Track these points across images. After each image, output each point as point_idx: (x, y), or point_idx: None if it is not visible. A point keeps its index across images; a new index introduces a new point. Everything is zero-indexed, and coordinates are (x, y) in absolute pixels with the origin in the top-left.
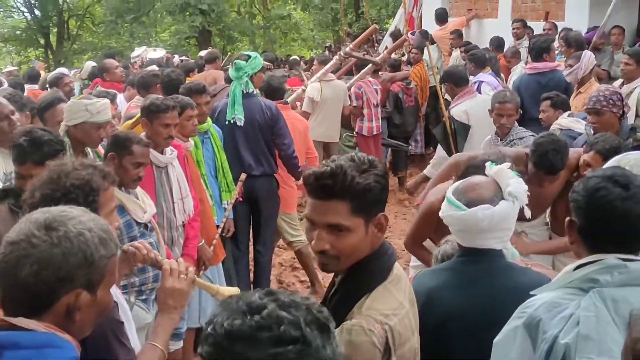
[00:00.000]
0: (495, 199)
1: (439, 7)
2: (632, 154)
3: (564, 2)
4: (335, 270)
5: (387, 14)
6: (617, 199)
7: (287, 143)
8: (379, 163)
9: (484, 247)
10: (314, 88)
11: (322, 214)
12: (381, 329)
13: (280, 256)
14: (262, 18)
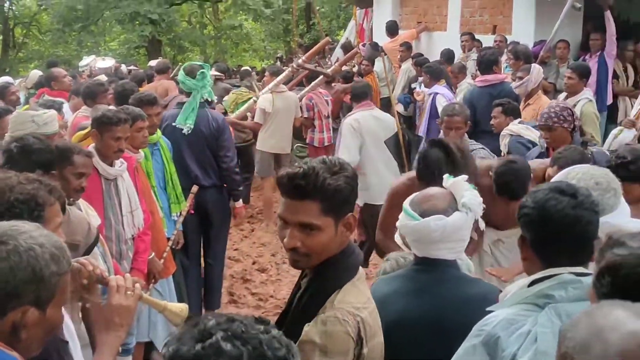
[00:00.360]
0: (449, 210)
1: (390, 19)
2: (579, 167)
3: (510, 17)
4: (305, 267)
5: (338, 26)
6: (567, 207)
7: (230, 156)
8: (348, 165)
9: (436, 257)
10: (266, 99)
11: (294, 213)
12: (354, 320)
13: (231, 268)
14: (213, 28)
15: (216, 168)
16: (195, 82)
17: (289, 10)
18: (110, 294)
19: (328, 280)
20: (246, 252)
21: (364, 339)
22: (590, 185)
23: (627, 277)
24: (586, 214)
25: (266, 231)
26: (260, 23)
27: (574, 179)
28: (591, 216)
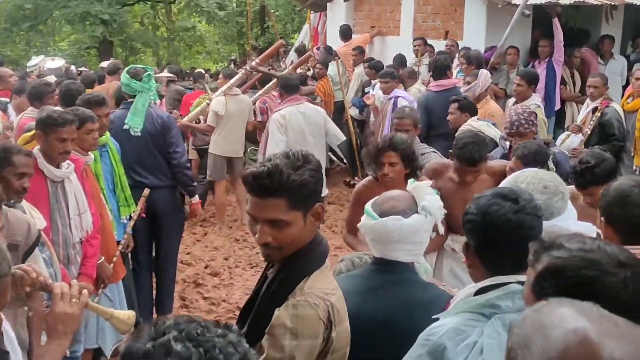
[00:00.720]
0: (408, 212)
1: (343, 23)
2: (527, 171)
3: (462, 22)
4: (278, 260)
5: (293, 29)
6: (509, 211)
7: (180, 152)
8: (312, 157)
9: (393, 259)
10: (219, 102)
11: (262, 210)
12: (324, 304)
13: (183, 272)
14: (166, 30)
15: (166, 168)
16: (141, 84)
17: (243, 13)
18: (54, 301)
19: (298, 268)
20: (198, 256)
21: (333, 323)
22: (539, 189)
23: (570, 279)
24: (528, 218)
25: (219, 235)
26: (214, 25)
27: (523, 183)
28: (533, 221)
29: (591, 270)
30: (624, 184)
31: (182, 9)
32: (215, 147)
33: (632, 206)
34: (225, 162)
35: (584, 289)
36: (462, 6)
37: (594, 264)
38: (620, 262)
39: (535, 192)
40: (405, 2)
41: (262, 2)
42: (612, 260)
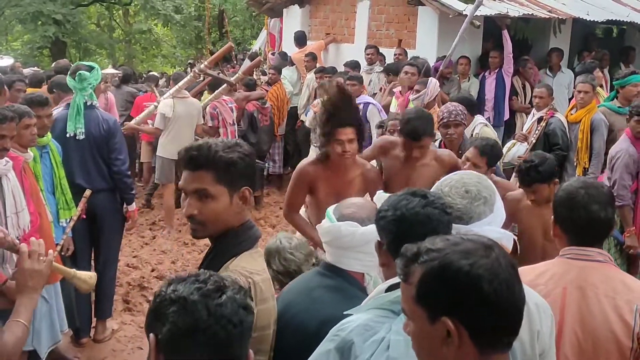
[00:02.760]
0: (367, 221)
1: (299, 29)
2: (453, 174)
3: (415, 32)
4: (203, 236)
5: (252, 35)
6: (417, 205)
7: (122, 159)
8: (245, 145)
9: (342, 266)
10: (167, 104)
11: (191, 182)
12: (245, 280)
13: (128, 275)
14: (122, 32)
15: (106, 172)
16: (74, 83)
17: (201, 17)
18: (22, 259)
19: (226, 248)
20: (145, 260)
21: (253, 300)
22: (460, 193)
23: (455, 274)
24: (436, 212)
25: (167, 238)
26: (170, 29)
27: (447, 186)
28: (441, 216)
29: (468, 258)
30: (572, 185)
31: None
32: (163, 150)
33: (577, 207)
34: (173, 164)
35: (470, 278)
36: (415, 16)
37: (468, 252)
38: (486, 245)
39: (456, 196)
40: (360, 10)
41: (220, 7)
42: (479, 246)
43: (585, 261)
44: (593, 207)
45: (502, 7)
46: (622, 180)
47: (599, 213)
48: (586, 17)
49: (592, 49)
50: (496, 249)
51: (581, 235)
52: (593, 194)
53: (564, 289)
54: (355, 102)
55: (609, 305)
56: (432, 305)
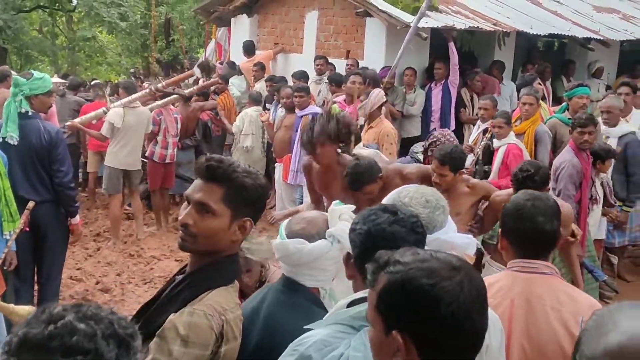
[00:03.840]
0: (316, 237)
1: (247, 39)
2: (409, 186)
3: (363, 43)
4: (189, 250)
5: (199, 44)
6: (384, 222)
7: (64, 171)
8: (264, 179)
9: (296, 281)
10: (117, 114)
11: (198, 191)
12: (219, 317)
13: (72, 288)
14: (65, 39)
15: (49, 183)
16: (12, 88)
17: (147, 24)
18: None
19: (206, 278)
20: (90, 272)
21: (225, 338)
22: (421, 203)
23: (412, 291)
24: (402, 231)
25: (113, 250)
26: (116, 36)
27: (406, 197)
28: (408, 235)
29: (430, 278)
30: (520, 197)
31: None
32: (111, 160)
33: (523, 219)
34: (122, 174)
35: (427, 297)
36: (363, 27)
37: (431, 271)
38: (454, 266)
39: (417, 206)
40: (308, 20)
41: (167, 15)
42: (446, 266)
43: (531, 273)
44: (539, 219)
45: (448, 20)
46: (567, 190)
47: (545, 225)
48: (529, 31)
49: (535, 61)
50: (463, 272)
51: (527, 247)
52: (539, 206)
53: (512, 301)
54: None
55: (555, 317)
56: (387, 316)
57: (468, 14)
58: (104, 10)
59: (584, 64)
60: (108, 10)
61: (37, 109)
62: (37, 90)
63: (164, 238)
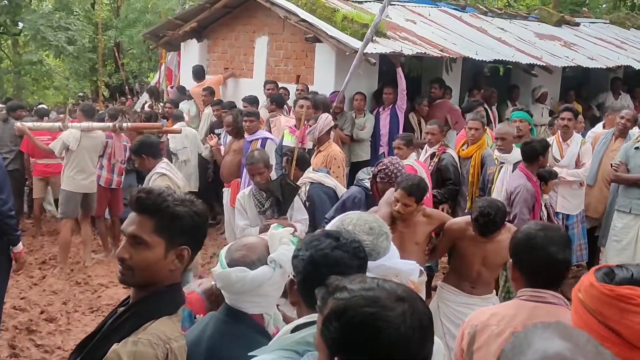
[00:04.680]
0: (257, 263)
1: (197, 64)
2: (352, 214)
3: (313, 68)
4: (129, 284)
5: (149, 68)
6: (327, 247)
7: (4, 198)
8: (202, 205)
9: (239, 309)
10: (73, 136)
11: (131, 224)
12: (164, 346)
13: (15, 318)
14: (10, 62)
15: None
16: None
17: (95, 48)
18: None
19: (147, 309)
20: (34, 301)
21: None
22: (365, 230)
23: (353, 319)
24: (345, 256)
25: (59, 278)
26: (63, 60)
27: (350, 225)
28: (351, 260)
29: (372, 307)
30: (532, 228)
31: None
32: (69, 184)
33: (536, 249)
34: (79, 197)
35: (367, 326)
36: (313, 52)
37: (374, 300)
38: (399, 296)
39: (361, 233)
40: (258, 45)
41: (116, 39)
42: (391, 296)
43: (538, 302)
44: (551, 248)
45: (396, 46)
46: (522, 214)
47: (557, 254)
48: (475, 57)
49: (481, 86)
50: (407, 302)
51: (537, 276)
52: (552, 235)
53: (514, 329)
54: None
55: None
56: (329, 342)
57: (416, 40)
58: (51, 34)
59: (528, 89)
60: (55, 34)
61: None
62: None
63: (112, 265)
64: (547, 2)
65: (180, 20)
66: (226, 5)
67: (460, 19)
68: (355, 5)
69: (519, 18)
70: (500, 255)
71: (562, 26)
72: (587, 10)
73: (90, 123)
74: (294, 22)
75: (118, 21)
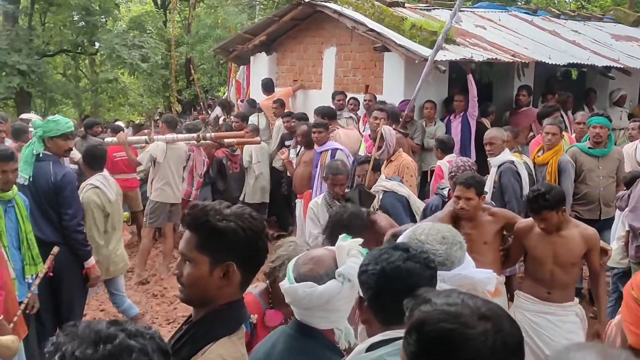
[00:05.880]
0: (325, 278)
1: (266, 77)
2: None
3: (382, 77)
4: (185, 301)
5: (219, 82)
6: (398, 259)
7: (71, 213)
8: (253, 220)
9: (308, 324)
10: (159, 148)
11: (183, 241)
12: None
13: None
14: (88, 81)
15: (57, 224)
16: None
17: (168, 65)
18: None
19: (206, 330)
20: (113, 313)
21: None
22: (438, 239)
23: (429, 333)
24: (417, 267)
25: (136, 290)
26: (137, 77)
27: (422, 235)
28: (423, 270)
29: (450, 323)
30: None
31: (105, 60)
32: (158, 195)
33: None
34: (168, 207)
35: (444, 342)
36: (381, 61)
37: (455, 316)
38: (483, 314)
39: (434, 242)
40: (326, 57)
41: (187, 55)
42: (474, 313)
43: None
44: None
45: (466, 52)
46: None
47: None
48: (548, 61)
49: (555, 91)
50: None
51: None
52: None
53: None
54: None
55: None
56: (408, 355)
57: (486, 45)
58: (126, 52)
59: (605, 92)
60: (129, 52)
61: (53, 151)
62: (51, 133)
63: None
64: (622, 3)
65: (250, 34)
66: (294, 18)
67: (531, 22)
68: (424, 13)
69: (593, 20)
70: (571, 250)
71: (639, 26)
72: None
73: (175, 135)
74: (362, 32)
75: (189, 37)
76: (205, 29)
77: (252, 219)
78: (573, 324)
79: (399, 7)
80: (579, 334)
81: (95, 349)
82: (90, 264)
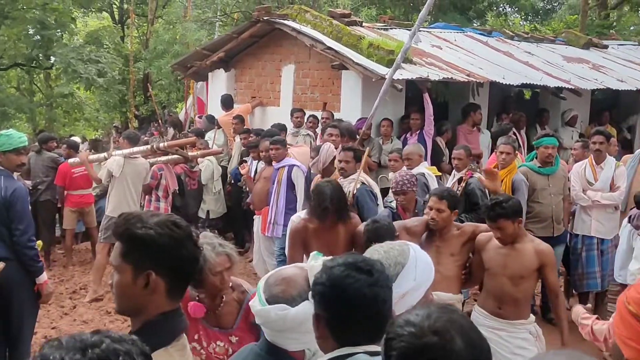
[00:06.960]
0: (298, 299)
1: (225, 93)
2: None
3: (339, 95)
4: (117, 310)
5: (177, 98)
6: (363, 285)
7: (22, 229)
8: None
9: (280, 346)
10: (117, 163)
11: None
12: None
13: None
14: (42, 95)
15: (8, 240)
16: None
17: (125, 80)
18: None
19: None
20: (65, 331)
21: None
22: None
23: (407, 348)
24: (382, 292)
25: (89, 307)
26: (93, 92)
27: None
28: (386, 294)
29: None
30: None
31: (60, 74)
32: (113, 209)
33: None
34: None
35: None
36: (339, 79)
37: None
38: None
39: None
40: (285, 74)
41: (145, 71)
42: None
43: None
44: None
45: (422, 71)
46: None
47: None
48: (502, 81)
49: (509, 111)
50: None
51: None
52: None
53: None
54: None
55: None
56: None
57: (442, 65)
58: (82, 66)
59: (557, 112)
60: (86, 66)
61: (5, 166)
62: (3, 147)
63: None
64: (574, 26)
65: (208, 51)
66: (253, 35)
67: (486, 43)
68: (381, 32)
69: (546, 42)
70: (522, 263)
71: (590, 49)
72: (614, 32)
73: (132, 149)
74: (320, 50)
75: (147, 53)
76: (164, 44)
77: (176, 227)
78: (524, 340)
79: (357, 26)
80: (530, 349)
81: (83, 354)
82: (42, 280)
